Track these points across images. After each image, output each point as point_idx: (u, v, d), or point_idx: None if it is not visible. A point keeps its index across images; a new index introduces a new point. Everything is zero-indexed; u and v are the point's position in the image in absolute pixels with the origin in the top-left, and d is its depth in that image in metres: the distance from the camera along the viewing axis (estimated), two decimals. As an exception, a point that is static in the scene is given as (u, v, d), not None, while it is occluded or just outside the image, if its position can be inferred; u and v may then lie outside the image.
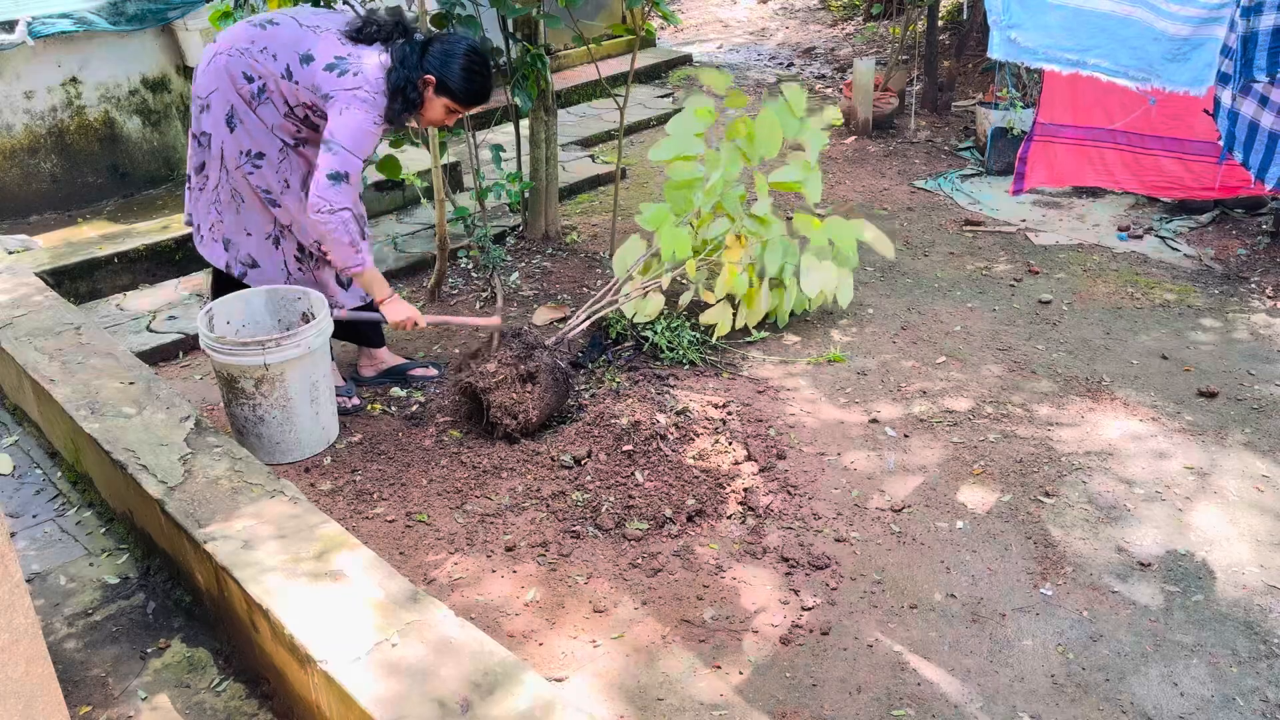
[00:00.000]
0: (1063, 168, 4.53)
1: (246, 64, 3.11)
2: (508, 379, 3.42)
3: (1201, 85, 3.11)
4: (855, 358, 4.06)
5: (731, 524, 3.10)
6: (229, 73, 3.12)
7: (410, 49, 3.09)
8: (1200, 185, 4.63)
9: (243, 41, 3.12)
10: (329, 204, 3.04)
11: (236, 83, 3.13)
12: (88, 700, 2.46)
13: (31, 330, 3.57)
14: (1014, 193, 4.33)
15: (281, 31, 3.12)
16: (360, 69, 3.04)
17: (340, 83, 3.02)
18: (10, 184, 5.41)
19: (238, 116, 3.16)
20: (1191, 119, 4.33)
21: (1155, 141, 4.43)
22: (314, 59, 3.06)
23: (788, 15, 10.32)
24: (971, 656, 2.61)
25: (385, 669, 2.04)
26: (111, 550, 3.01)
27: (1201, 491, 3.24)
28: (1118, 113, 4.32)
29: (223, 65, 3.13)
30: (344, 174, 3.03)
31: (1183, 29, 3.09)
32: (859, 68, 6.60)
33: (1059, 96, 4.36)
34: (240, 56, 3.11)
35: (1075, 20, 3.27)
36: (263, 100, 3.14)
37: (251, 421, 3.32)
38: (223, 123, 3.18)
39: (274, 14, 3.19)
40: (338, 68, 3.03)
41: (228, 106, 3.15)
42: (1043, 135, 4.37)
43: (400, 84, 3.06)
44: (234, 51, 3.12)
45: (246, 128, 3.17)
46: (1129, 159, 4.50)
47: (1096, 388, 3.83)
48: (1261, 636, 2.67)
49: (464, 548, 2.99)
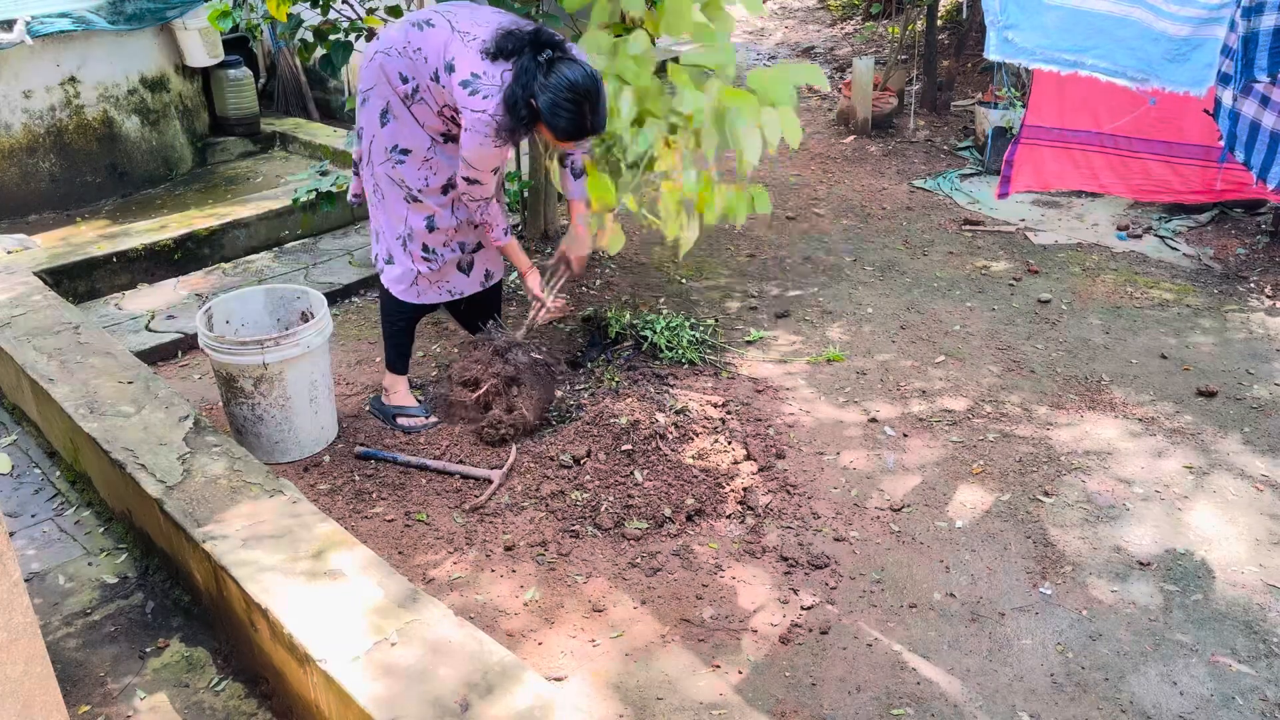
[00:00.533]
0: (1049, 171, 4.51)
1: (404, 64, 3.15)
2: (494, 390, 3.44)
3: (1201, 86, 3.11)
4: (854, 357, 4.06)
5: (731, 523, 3.10)
6: (385, 71, 3.18)
7: (529, 68, 3.01)
8: (1189, 189, 4.61)
9: (400, 42, 3.16)
10: (471, 196, 3.24)
11: (393, 81, 3.18)
12: (86, 699, 2.45)
13: (30, 330, 3.56)
14: (999, 196, 4.31)
15: (434, 35, 3.13)
16: (489, 92, 3.02)
17: (470, 102, 3.03)
18: (9, 183, 5.41)
19: (392, 112, 3.21)
20: (1181, 122, 4.31)
21: (1143, 145, 4.42)
22: (455, 70, 3.07)
23: (786, 15, 10.31)
24: (971, 656, 2.61)
25: (384, 668, 2.04)
26: (110, 550, 3.00)
27: (1200, 491, 3.25)
28: (1105, 116, 4.30)
29: (380, 64, 3.18)
30: (473, 179, 3.18)
31: (1182, 29, 3.09)
32: (858, 67, 6.60)
33: (1047, 99, 4.35)
34: (398, 57, 3.15)
35: (1073, 20, 3.27)
36: (417, 100, 3.18)
37: (250, 421, 3.32)
38: (376, 118, 3.23)
39: (431, 13, 3.20)
40: (470, 85, 3.03)
41: (384, 103, 3.21)
42: (1029, 138, 4.36)
43: (511, 101, 3.02)
44: (392, 51, 3.16)
45: (400, 123, 3.22)
46: (1116, 162, 4.49)
47: (1095, 387, 3.83)
48: (1261, 635, 2.67)
49: (463, 547, 2.99)
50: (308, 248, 5.04)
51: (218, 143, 6.31)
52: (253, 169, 6.12)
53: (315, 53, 4.54)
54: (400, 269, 3.43)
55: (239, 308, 3.49)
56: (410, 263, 3.41)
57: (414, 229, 3.35)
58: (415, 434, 3.54)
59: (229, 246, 4.96)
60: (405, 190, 3.30)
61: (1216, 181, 4.38)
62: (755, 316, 4.41)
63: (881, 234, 5.28)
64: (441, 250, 3.40)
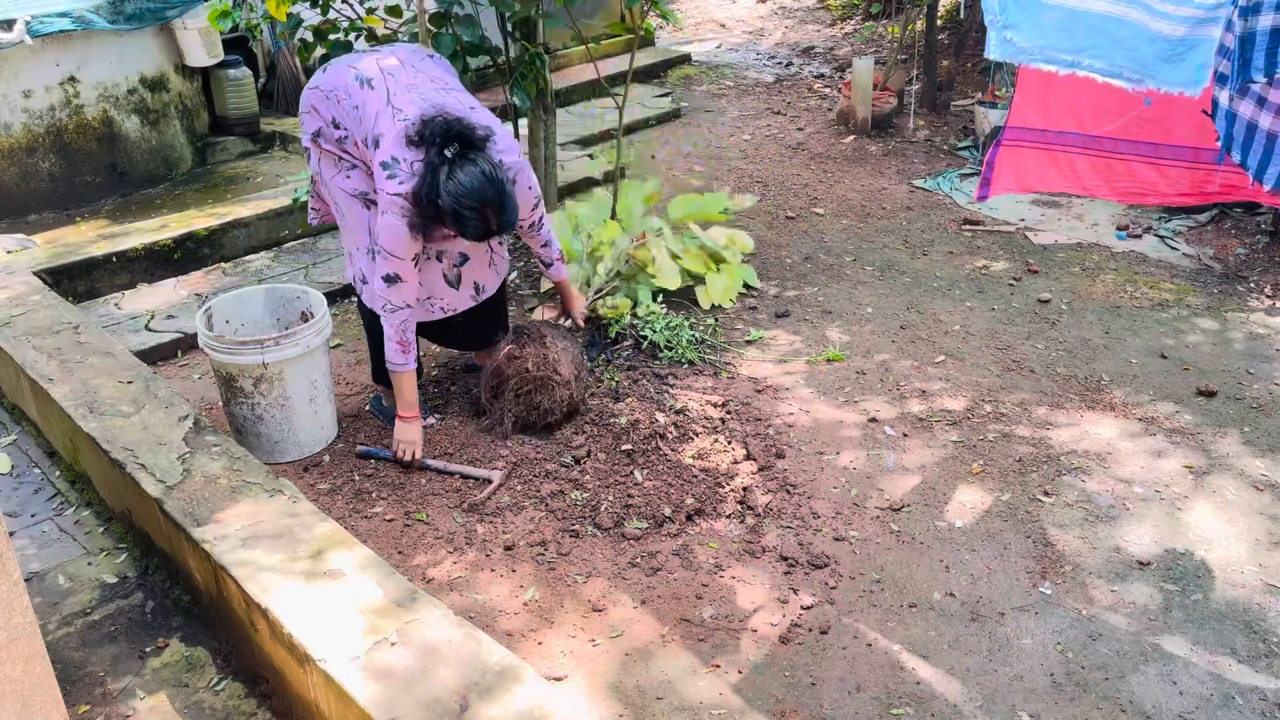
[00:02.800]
0: (1031, 174, 4.47)
1: (340, 112, 3.16)
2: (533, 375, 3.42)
3: (1196, 86, 3.11)
4: (854, 357, 4.06)
5: (730, 523, 3.10)
6: (319, 111, 3.20)
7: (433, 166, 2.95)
8: (1175, 191, 4.58)
9: (341, 91, 3.15)
10: (389, 303, 3.14)
11: (324, 118, 3.20)
12: (86, 699, 2.45)
13: (30, 329, 3.56)
14: (979, 198, 4.29)
15: (372, 101, 3.09)
16: (404, 178, 2.98)
17: (386, 185, 3.00)
18: (8, 183, 5.41)
19: (323, 136, 3.23)
20: (1169, 123, 4.28)
21: (1129, 146, 4.38)
22: (379, 146, 3.05)
23: (785, 14, 10.31)
24: (971, 655, 2.61)
25: (384, 668, 2.04)
26: (110, 549, 3.00)
27: (1200, 490, 3.25)
28: (1090, 118, 4.27)
29: (323, 98, 3.19)
30: (394, 275, 3.09)
31: (1178, 29, 3.08)
32: (858, 67, 6.60)
33: (1031, 101, 4.32)
34: (336, 105, 3.16)
35: (1071, 20, 3.27)
36: (344, 144, 3.20)
37: (250, 421, 3.32)
38: (310, 139, 3.25)
39: (374, 71, 3.15)
40: (389, 169, 3.00)
41: (317, 126, 3.23)
42: (1011, 140, 4.32)
43: (419, 198, 2.98)
44: (333, 97, 3.16)
45: (330, 144, 3.24)
46: (1100, 165, 4.44)
47: (1095, 387, 3.83)
48: (1260, 635, 2.67)
49: (462, 547, 2.99)
50: (307, 247, 5.04)
51: (217, 142, 6.30)
52: (252, 169, 6.12)
53: (315, 52, 4.54)
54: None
55: (238, 308, 3.49)
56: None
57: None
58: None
59: (229, 246, 4.96)
60: (361, 197, 3.23)
61: (1208, 184, 4.37)
62: (755, 316, 4.41)
63: (881, 234, 5.28)
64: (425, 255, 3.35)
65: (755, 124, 7.11)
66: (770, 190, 5.88)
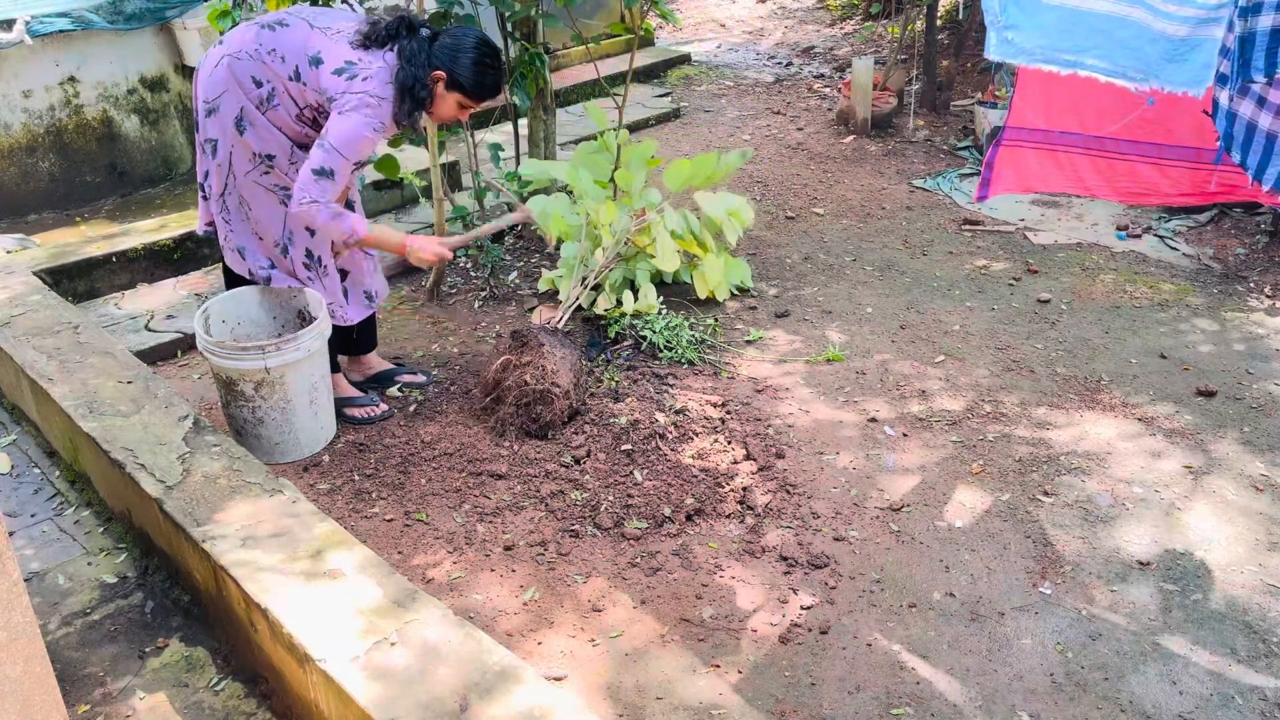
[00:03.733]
0: (1032, 174, 4.47)
1: (254, 67, 3.05)
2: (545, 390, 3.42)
3: (1199, 86, 3.11)
4: (854, 357, 4.06)
5: (730, 523, 3.10)
6: (236, 76, 3.07)
7: (417, 45, 3.03)
8: (1178, 191, 4.58)
9: (250, 45, 3.07)
10: (309, 196, 3.01)
11: (245, 86, 3.07)
12: (85, 699, 2.45)
13: (29, 329, 3.56)
14: (978, 199, 4.29)
15: (292, 34, 3.06)
16: (370, 74, 2.98)
17: (348, 85, 2.97)
18: (8, 183, 5.41)
19: (248, 119, 3.10)
20: (1171, 123, 4.28)
21: (1131, 146, 4.38)
22: (323, 62, 3.01)
23: (785, 15, 10.31)
24: (970, 655, 2.61)
25: (384, 668, 2.04)
26: (110, 549, 3.00)
27: (1200, 491, 3.25)
28: (1091, 119, 4.27)
29: (229, 67, 3.08)
30: (329, 170, 2.98)
31: (1180, 29, 3.09)
32: (858, 67, 6.60)
33: (1030, 101, 4.32)
34: (249, 60, 3.06)
35: (1072, 21, 3.27)
36: (273, 105, 3.09)
37: (250, 423, 3.31)
38: (231, 126, 3.11)
39: (284, 15, 3.13)
40: (347, 72, 2.98)
41: (237, 109, 3.09)
42: (1011, 140, 4.32)
43: (409, 83, 2.99)
44: (242, 55, 3.06)
45: (257, 130, 3.11)
46: (1102, 165, 4.44)
47: (1095, 387, 3.83)
48: (1260, 635, 2.67)
49: (462, 547, 2.99)
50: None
51: (217, 142, 6.31)
52: (252, 169, 6.12)
53: (315, 52, 4.54)
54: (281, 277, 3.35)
55: (235, 307, 3.48)
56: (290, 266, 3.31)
57: (294, 231, 3.27)
58: (375, 422, 3.58)
59: (228, 246, 4.96)
60: (278, 195, 3.21)
61: (1208, 183, 4.37)
62: (754, 316, 4.41)
63: (881, 234, 5.28)
64: (328, 262, 3.35)
65: (755, 124, 7.11)
66: (770, 190, 5.88)
